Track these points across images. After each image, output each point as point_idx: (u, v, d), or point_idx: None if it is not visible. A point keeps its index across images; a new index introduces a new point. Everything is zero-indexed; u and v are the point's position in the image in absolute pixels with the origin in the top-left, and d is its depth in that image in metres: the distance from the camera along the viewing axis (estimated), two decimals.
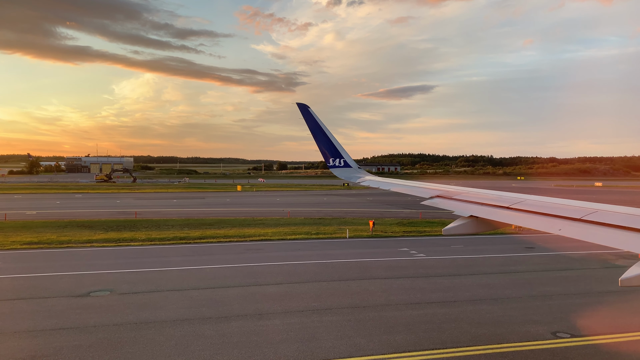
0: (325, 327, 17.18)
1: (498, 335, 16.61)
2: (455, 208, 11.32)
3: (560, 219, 8.23)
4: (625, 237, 6.78)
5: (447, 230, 10.45)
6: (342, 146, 18.95)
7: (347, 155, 19.10)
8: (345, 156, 19.02)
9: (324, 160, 19.21)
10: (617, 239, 6.86)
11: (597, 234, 7.24)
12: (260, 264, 27.98)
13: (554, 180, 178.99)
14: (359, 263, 28.40)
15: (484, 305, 20.20)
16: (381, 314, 18.85)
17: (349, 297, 21.13)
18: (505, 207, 9.90)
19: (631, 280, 5.92)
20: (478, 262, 28.98)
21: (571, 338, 16.43)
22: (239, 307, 19.53)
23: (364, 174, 19.27)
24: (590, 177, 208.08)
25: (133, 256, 30.05)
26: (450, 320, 18.16)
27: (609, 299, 21.17)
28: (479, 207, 10.71)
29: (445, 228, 10.47)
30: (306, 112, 18.30)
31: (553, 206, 9.07)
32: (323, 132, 18.48)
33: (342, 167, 18.97)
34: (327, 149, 18.73)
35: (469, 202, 11.37)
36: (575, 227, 7.70)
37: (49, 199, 77.68)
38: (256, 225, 45.51)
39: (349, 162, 19.07)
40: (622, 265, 28.24)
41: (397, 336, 16.36)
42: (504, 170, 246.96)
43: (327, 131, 18.56)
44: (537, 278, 25.08)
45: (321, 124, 18.40)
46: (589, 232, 7.37)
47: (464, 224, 10.36)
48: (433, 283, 23.87)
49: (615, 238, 6.91)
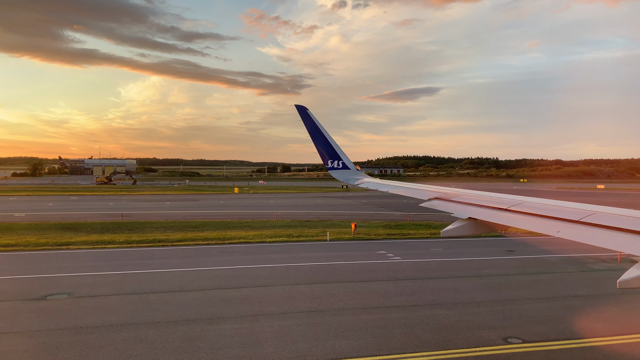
0: (273, 332, 16.89)
1: (448, 340, 16.27)
2: (453, 210, 11.14)
3: (558, 221, 8.18)
4: (623, 239, 6.73)
5: (446, 232, 10.26)
6: (340, 148, 18.72)
7: (345, 157, 18.86)
8: (343, 158, 18.78)
9: (323, 162, 18.97)
10: (615, 241, 6.80)
11: (595, 236, 7.18)
12: (230, 267, 27.73)
13: (557, 182, 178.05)
14: (330, 266, 28.09)
15: (444, 309, 19.85)
16: (336, 318, 18.55)
17: (308, 301, 20.83)
18: (504, 209, 9.80)
19: (629, 282, 5.86)
20: (452, 266, 28.61)
21: (522, 344, 16.07)
22: (192, 311, 19.27)
23: (363, 175, 19.00)
24: (594, 179, 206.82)
25: (105, 259, 29.87)
26: (405, 325, 17.83)
27: (573, 304, 20.79)
28: (477, 209, 10.56)
29: (444, 230, 10.27)
30: (305, 114, 18.11)
31: (551, 208, 8.99)
32: (321, 133, 18.27)
33: (340, 169, 18.72)
34: (326, 150, 18.51)
35: (467, 204, 11.22)
36: (573, 229, 7.64)
37: (44, 201, 77.80)
38: (241, 227, 45.28)
39: (347, 164, 18.84)
40: (599, 269, 27.84)
41: (343, 342, 16.05)
42: (507, 172, 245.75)
43: (326, 133, 18.35)
44: (507, 282, 24.69)
45: (319, 126, 18.21)
46: (587, 234, 7.31)
47: (462, 226, 10.18)
48: (399, 286, 23.54)
49: (613, 240, 6.85)
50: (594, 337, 16.69)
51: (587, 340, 16.41)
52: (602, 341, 16.30)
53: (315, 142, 18.45)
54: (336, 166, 18.69)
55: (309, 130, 18.27)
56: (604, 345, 15.98)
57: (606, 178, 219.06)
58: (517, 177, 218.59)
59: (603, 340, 16.35)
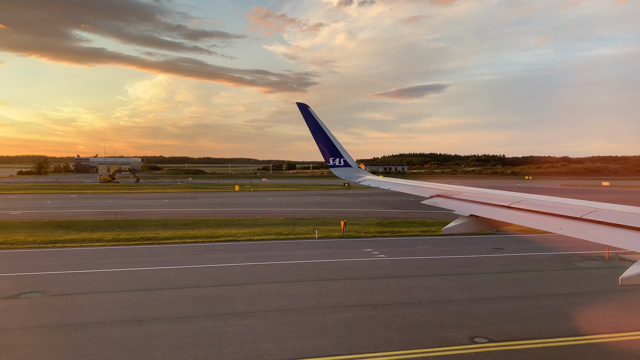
0: (238, 332, 16.75)
1: (412, 340, 16.07)
2: (455, 207, 11.10)
3: (560, 218, 8.15)
4: (625, 236, 6.70)
5: (447, 230, 10.27)
6: (342, 146, 18.66)
7: (347, 155, 18.79)
8: (345, 156, 18.71)
9: (324, 160, 18.92)
10: (617, 238, 6.78)
11: (597, 233, 7.16)
12: (210, 265, 27.62)
13: (562, 179, 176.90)
14: (311, 265, 27.91)
15: (417, 308, 19.64)
16: (305, 317, 18.38)
17: (280, 300, 20.67)
18: (506, 207, 9.77)
19: (631, 279, 5.81)
20: (435, 264, 28.36)
21: (487, 343, 15.84)
22: (161, 310, 19.16)
23: (364, 173, 19.01)
24: (600, 176, 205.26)
25: (88, 257, 29.84)
26: (373, 324, 17.63)
27: (549, 302, 20.51)
28: (479, 206, 10.54)
29: (446, 227, 10.28)
30: (306, 112, 18.05)
31: (553, 205, 8.97)
32: (323, 131, 18.22)
33: (342, 167, 18.69)
34: (327, 148, 18.46)
35: (469, 201, 11.19)
36: (575, 226, 7.63)
37: (43, 199, 78.09)
38: (232, 225, 45.18)
39: (349, 162, 18.77)
40: (585, 267, 27.52)
41: (306, 341, 15.88)
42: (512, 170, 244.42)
43: (327, 131, 18.29)
44: (487, 280, 24.42)
45: (321, 124, 18.15)
46: (589, 231, 7.30)
47: (463, 223, 10.17)
48: (377, 285, 23.32)
49: (615, 237, 6.83)
50: (561, 336, 16.43)
51: (553, 340, 16.16)
52: (568, 341, 16.06)
53: (316, 140, 18.42)
54: (338, 164, 18.66)
55: (311, 128, 18.22)
56: (569, 344, 15.74)
57: (613, 175, 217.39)
58: (522, 174, 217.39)
59: (569, 340, 16.11)
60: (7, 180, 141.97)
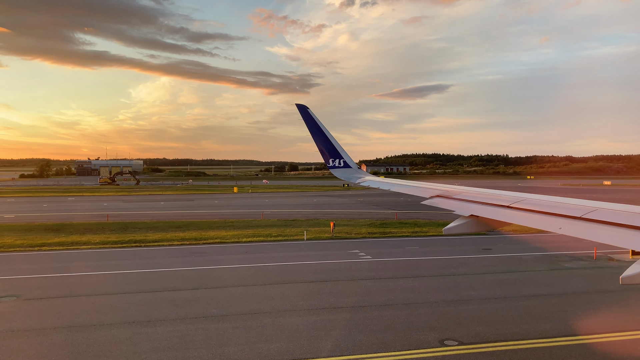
0: (207, 335, 16.57)
1: (382, 343, 15.84)
2: (455, 208, 11.02)
3: (561, 218, 8.10)
4: (625, 235, 6.69)
5: (448, 230, 10.21)
6: (341, 147, 18.55)
7: (346, 156, 18.67)
8: (345, 156, 18.58)
9: (324, 161, 18.79)
10: (618, 237, 6.75)
11: (597, 232, 7.12)
12: (192, 268, 27.45)
13: (564, 179, 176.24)
14: (295, 267, 27.72)
15: (393, 310, 19.41)
16: (277, 320, 18.19)
17: (256, 302, 20.48)
18: (506, 207, 9.72)
19: (632, 279, 5.75)
20: (420, 265, 28.11)
21: (457, 346, 15.60)
22: (133, 313, 19.04)
23: (364, 174, 18.87)
24: (603, 175, 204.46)
25: (71, 260, 29.75)
26: (345, 326, 17.42)
27: (527, 304, 20.26)
28: (479, 206, 10.47)
29: (446, 228, 10.22)
30: (305, 113, 17.94)
31: (553, 205, 8.92)
32: (322, 132, 18.11)
33: (341, 168, 18.55)
34: (327, 149, 18.33)
35: (469, 201, 11.10)
36: (575, 226, 7.59)
37: (41, 201, 78.13)
38: (223, 227, 45.01)
39: (348, 163, 18.64)
40: (571, 267, 27.24)
41: (273, 345, 15.69)
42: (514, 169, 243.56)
43: (327, 132, 18.18)
44: (469, 281, 24.16)
45: (320, 125, 18.04)
46: (589, 231, 7.26)
47: (464, 223, 10.12)
48: (356, 286, 23.11)
49: (615, 236, 6.80)
50: (533, 338, 16.18)
51: (524, 342, 15.93)
52: (538, 343, 15.82)
53: (316, 141, 18.32)
54: (337, 165, 18.52)
55: (310, 130, 18.12)
56: (539, 347, 15.50)
57: (615, 174, 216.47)
58: (524, 174, 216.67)
59: (540, 342, 15.86)
60: (8, 184, 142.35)
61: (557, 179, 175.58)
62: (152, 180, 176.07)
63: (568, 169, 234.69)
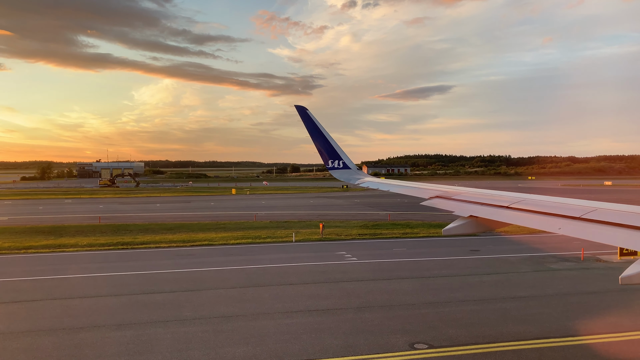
0: (174, 339, 16.41)
1: (351, 346, 15.64)
2: (454, 208, 10.99)
3: (560, 218, 8.09)
4: (625, 235, 6.69)
5: (447, 231, 10.19)
6: (341, 148, 18.44)
7: (346, 157, 18.55)
8: (344, 158, 18.47)
9: (323, 162, 18.67)
10: (617, 237, 6.77)
11: (597, 232, 7.13)
12: (174, 270, 27.27)
13: (566, 179, 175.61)
14: (277, 269, 27.53)
15: (368, 313, 19.19)
16: (250, 323, 18.01)
17: (231, 306, 20.31)
18: (505, 207, 9.69)
19: (631, 278, 5.77)
20: (404, 266, 27.88)
21: (427, 349, 15.38)
22: (106, 317, 18.92)
23: (364, 175, 18.78)
24: (605, 176, 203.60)
25: (55, 263, 29.62)
26: (317, 330, 17.23)
27: (505, 306, 20.02)
28: (478, 207, 10.43)
29: (445, 228, 10.20)
30: (304, 114, 17.84)
31: (553, 205, 8.89)
32: (321, 134, 18.00)
33: (341, 169, 18.45)
34: (326, 150, 18.23)
35: (468, 202, 11.06)
36: (575, 226, 7.59)
37: (38, 204, 78.08)
38: (214, 229, 44.85)
39: (347, 164, 18.54)
40: (556, 268, 26.98)
41: (239, 348, 15.52)
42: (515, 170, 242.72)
43: (326, 133, 18.07)
44: (451, 283, 23.92)
45: (319, 126, 17.95)
46: (589, 231, 7.27)
47: (463, 224, 10.12)
48: (336, 289, 22.91)
49: (614, 236, 6.82)
50: (506, 341, 15.93)
51: (495, 345, 15.69)
52: (510, 346, 15.57)
53: (315, 142, 18.25)
54: (337, 166, 18.42)
55: (309, 131, 18.03)
56: (509, 349, 15.26)
57: (617, 174, 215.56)
58: (525, 174, 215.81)
59: (511, 345, 15.60)
60: (8, 186, 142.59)
61: (558, 180, 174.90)
62: (152, 182, 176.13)
63: (570, 170, 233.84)
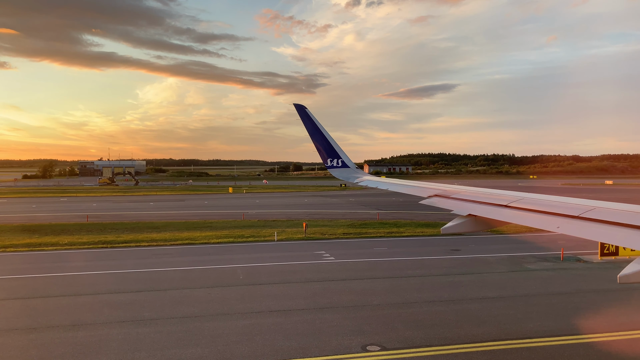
0: (124, 340, 16.21)
1: (302, 348, 15.39)
2: (453, 207, 10.97)
3: (558, 217, 8.10)
4: (622, 233, 6.70)
5: (446, 229, 10.18)
6: (340, 147, 18.34)
7: (345, 156, 18.45)
8: (343, 157, 18.36)
9: (322, 161, 18.57)
10: (615, 235, 6.81)
11: (595, 231, 7.16)
12: (146, 270, 27.10)
13: (568, 179, 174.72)
14: (251, 268, 27.32)
15: (330, 314, 18.93)
16: (205, 324, 17.78)
17: (195, 306, 20.09)
18: (504, 206, 9.68)
19: (629, 277, 5.78)
20: (379, 266, 27.58)
21: (379, 352, 15.11)
22: (63, 317, 18.75)
23: (363, 174, 18.71)
24: (607, 175, 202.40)
25: (30, 262, 29.51)
26: (272, 331, 16.99)
27: (470, 307, 19.74)
28: (477, 205, 10.43)
29: (444, 227, 10.17)
30: (303, 112, 17.73)
31: (551, 204, 8.90)
32: (320, 132, 17.89)
33: (340, 168, 18.38)
34: (325, 149, 18.15)
35: (467, 200, 11.03)
36: (573, 225, 7.60)
37: (32, 202, 78.14)
38: (200, 228, 44.65)
39: (346, 163, 18.44)
40: (534, 268, 26.66)
41: (188, 350, 15.32)
42: (517, 169, 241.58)
43: (325, 132, 17.97)
44: (422, 283, 23.62)
45: (318, 125, 17.84)
46: (587, 230, 7.28)
47: (462, 222, 10.13)
48: (304, 289, 22.71)
49: (612, 235, 6.86)
50: (462, 343, 15.62)
51: (449, 347, 15.39)
52: (463, 348, 15.26)
53: (314, 141, 18.14)
54: (335, 165, 18.33)
55: (308, 130, 17.93)
56: (462, 352, 14.95)
57: (620, 174, 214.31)
58: (527, 173, 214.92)
59: (465, 348, 15.30)
60: (8, 184, 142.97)
61: (560, 179, 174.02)
62: (152, 180, 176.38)
63: (572, 169, 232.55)
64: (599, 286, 23.01)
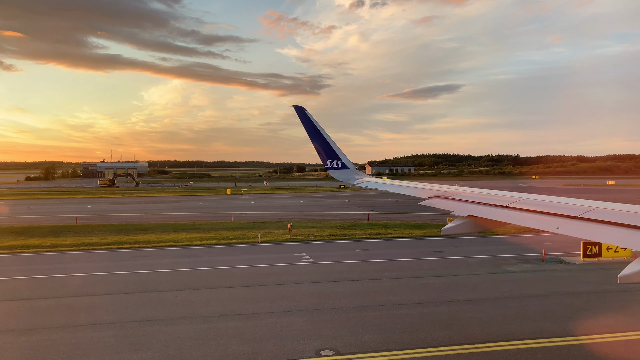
0: (74, 345, 15.93)
1: (255, 353, 15.08)
2: (452, 208, 10.94)
3: (558, 217, 8.09)
4: (622, 234, 6.69)
5: (445, 231, 10.17)
6: (339, 148, 18.18)
7: (344, 157, 18.29)
8: (342, 158, 18.20)
9: (322, 162, 18.40)
10: (615, 236, 6.79)
11: (595, 231, 7.14)
12: (120, 272, 26.87)
13: (571, 179, 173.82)
14: (227, 271, 27.07)
15: (293, 317, 18.60)
16: (162, 328, 17.50)
17: (158, 309, 19.81)
18: (503, 207, 9.68)
19: (629, 277, 5.76)
20: (356, 268, 27.22)
21: (332, 356, 14.75)
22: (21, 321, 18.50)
23: (363, 175, 18.55)
24: (611, 175, 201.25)
25: (6, 264, 29.35)
26: (231, 335, 16.70)
27: (437, 310, 19.37)
28: (476, 206, 10.40)
29: (444, 228, 10.16)
30: (303, 114, 17.66)
31: (551, 205, 8.88)
32: (320, 134, 17.77)
33: (339, 169, 18.22)
34: (324, 151, 18.00)
35: (467, 201, 11.00)
36: (573, 225, 7.59)
37: (28, 204, 78.19)
38: (187, 230, 44.41)
39: (346, 164, 18.28)
40: (512, 270, 26.26)
41: (139, 354, 15.07)
42: (520, 169, 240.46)
43: (324, 133, 17.82)
44: (394, 286, 23.26)
45: (318, 126, 17.72)
46: (587, 230, 7.29)
47: (462, 223, 10.10)
48: (275, 291, 22.38)
49: (612, 235, 6.83)
50: (420, 347, 15.26)
51: (404, 352, 15.02)
52: (419, 353, 14.88)
53: (314, 143, 18.04)
54: (335, 166, 18.21)
55: (308, 131, 17.85)
56: (420, 357, 14.55)
57: (623, 174, 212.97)
58: (530, 174, 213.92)
59: (422, 352, 14.91)
60: (9, 186, 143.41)
61: (562, 179, 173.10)
62: (153, 182, 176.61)
63: (575, 169, 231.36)
64: (575, 288, 22.57)
